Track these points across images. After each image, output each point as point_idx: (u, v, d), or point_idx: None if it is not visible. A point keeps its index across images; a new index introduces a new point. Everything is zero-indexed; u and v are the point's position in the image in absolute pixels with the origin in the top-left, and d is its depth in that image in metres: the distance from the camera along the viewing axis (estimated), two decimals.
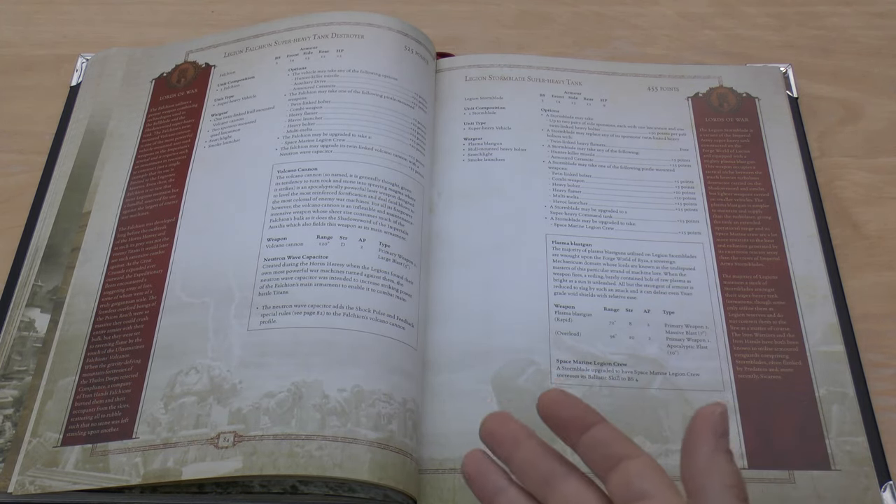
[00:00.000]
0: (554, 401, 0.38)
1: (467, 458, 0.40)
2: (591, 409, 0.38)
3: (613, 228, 0.58)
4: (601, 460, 0.37)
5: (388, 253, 0.53)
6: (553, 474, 0.38)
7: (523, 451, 0.39)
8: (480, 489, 0.39)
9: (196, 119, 0.61)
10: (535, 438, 0.39)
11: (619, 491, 0.36)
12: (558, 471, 0.38)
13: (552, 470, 0.38)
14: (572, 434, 0.38)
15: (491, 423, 0.40)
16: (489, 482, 0.39)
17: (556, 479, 0.38)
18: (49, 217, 0.58)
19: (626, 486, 0.35)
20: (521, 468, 0.39)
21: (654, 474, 0.36)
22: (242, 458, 0.46)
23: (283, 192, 0.55)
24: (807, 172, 0.60)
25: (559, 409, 0.38)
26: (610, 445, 0.37)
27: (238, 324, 0.51)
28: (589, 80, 0.65)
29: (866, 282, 0.57)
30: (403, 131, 0.58)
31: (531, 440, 0.39)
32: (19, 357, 0.52)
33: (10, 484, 0.47)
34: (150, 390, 0.49)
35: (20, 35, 0.70)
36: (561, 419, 0.38)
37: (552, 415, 0.38)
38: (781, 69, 0.66)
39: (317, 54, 0.62)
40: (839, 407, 0.50)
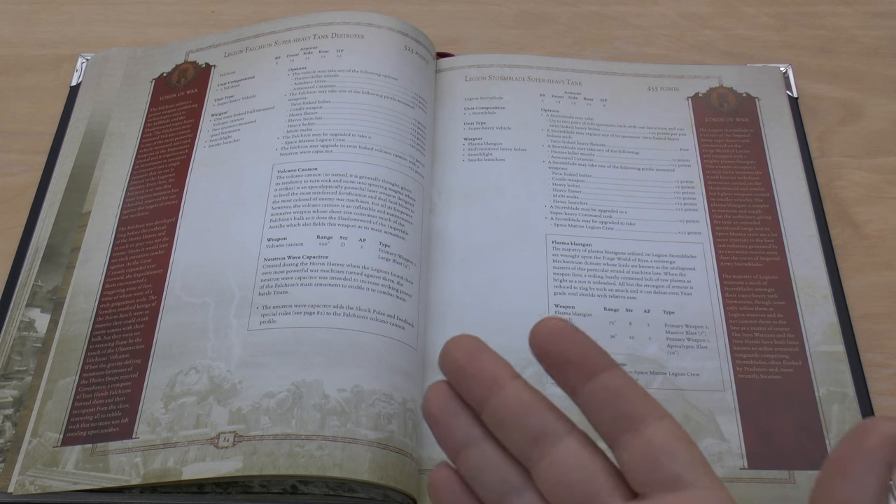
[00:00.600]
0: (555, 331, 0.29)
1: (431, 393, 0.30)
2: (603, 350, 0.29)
3: (613, 228, 0.58)
4: (611, 418, 0.28)
5: (388, 253, 0.53)
6: (545, 432, 0.29)
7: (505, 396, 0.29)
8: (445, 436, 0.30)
9: (196, 119, 0.61)
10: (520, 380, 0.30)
11: (639, 466, 0.27)
12: (552, 428, 0.29)
13: (544, 426, 0.29)
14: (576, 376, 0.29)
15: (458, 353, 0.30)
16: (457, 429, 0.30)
17: (549, 440, 0.29)
18: (49, 217, 0.58)
19: (651, 463, 0.27)
20: (501, 419, 0.29)
21: (687, 450, 0.27)
22: (242, 457, 0.46)
23: (283, 192, 0.55)
24: (807, 172, 0.60)
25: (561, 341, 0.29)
26: (626, 400, 0.28)
27: (238, 324, 0.51)
28: (589, 80, 0.65)
29: (866, 282, 0.57)
30: (403, 131, 0.58)
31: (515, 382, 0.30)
32: (19, 357, 0.52)
33: (10, 484, 0.47)
34: (150, 390, 0.49)
35: (20, 35, 0.70)
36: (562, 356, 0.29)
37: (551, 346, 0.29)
38: (781, 69, 0.66)
39: (317, 54, 0.62)
40: (839, 407, 0.50)
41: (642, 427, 0.28)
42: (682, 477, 0.27)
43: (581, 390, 0.29)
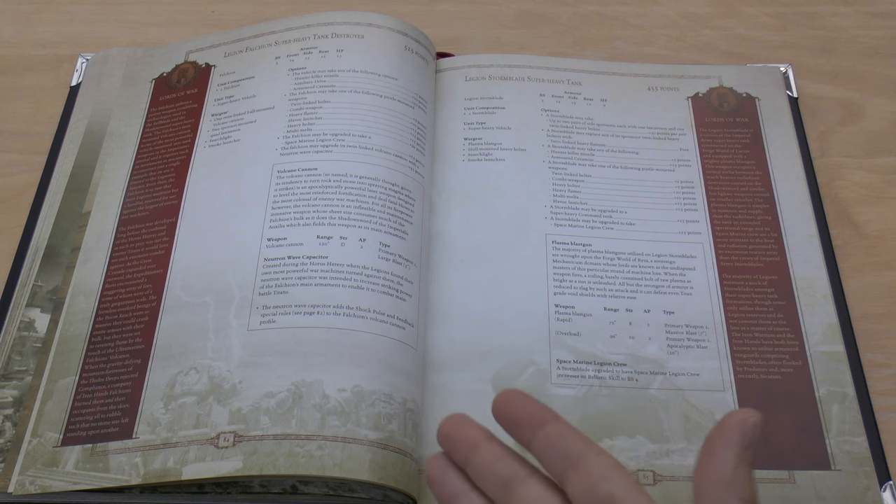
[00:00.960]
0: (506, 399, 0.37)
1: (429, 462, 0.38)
2: (546, 407, 0.36)
3: (613, 228, 0.58)
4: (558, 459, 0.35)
5: (388, 253, 0.53)
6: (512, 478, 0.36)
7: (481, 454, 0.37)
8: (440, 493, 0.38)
9: (196, 119, 0.61)
10: (495, 440, 0.37)
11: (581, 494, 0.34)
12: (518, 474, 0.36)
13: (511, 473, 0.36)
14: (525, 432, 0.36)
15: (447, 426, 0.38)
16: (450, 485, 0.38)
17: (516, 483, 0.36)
18: (49, 217, 0.58)
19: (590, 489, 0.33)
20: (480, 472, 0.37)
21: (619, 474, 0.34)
22: (242, 457, 0.46)
23: (283, 192, 0.55)
24: (807, 172, 0.60)
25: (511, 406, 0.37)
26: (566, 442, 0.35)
27: (238, 324, 0.51)
28: (589, 80, 0.65)
29: (866, 282, 0.57)
30: (403, 131, 0.58)
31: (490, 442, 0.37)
32: (19, 357, 0.52)
33: (10, 484, 0.47)
34: (150, 390, 0.49)
35: (20, 35, 0.70)
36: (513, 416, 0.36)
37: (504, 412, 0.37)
38: (781, 69, 0.66)
39: (317, 54, 0.62)
40: (839, 407, 0.50)
41: (583, 462, 0.34)
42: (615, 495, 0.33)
43: (532, 442, 0.36)
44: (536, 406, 0.36)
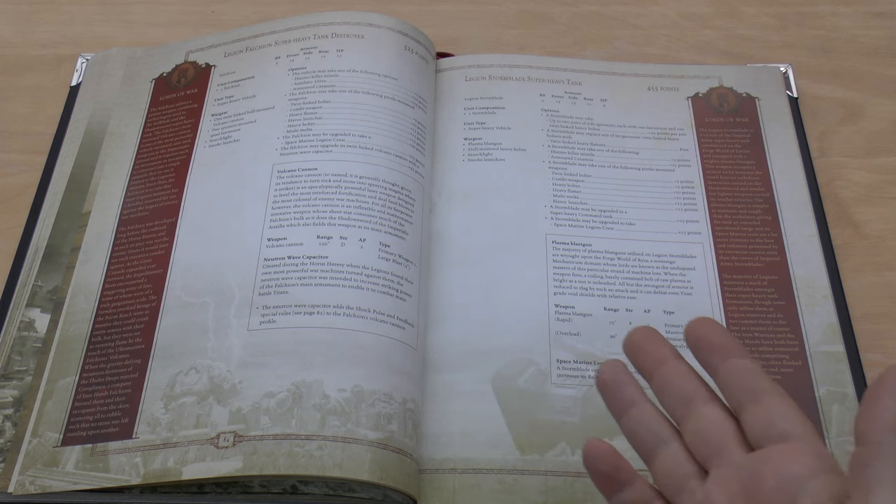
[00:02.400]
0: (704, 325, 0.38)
1: (605, 366, 0.40)
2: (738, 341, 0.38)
3: (613, 228, 0.58)
4: (740, 391, 0.36)
5: (388, 253, 0.53)
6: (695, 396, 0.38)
7: (668, 368, 0.39)
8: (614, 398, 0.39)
9: (196, 119, 0.61)
10: (682, 359, 0.39)
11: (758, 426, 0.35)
12: (700, 394, 0.38)
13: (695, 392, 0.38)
14: (715, 359, 0.37)
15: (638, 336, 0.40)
16: (625, 392, 0.39)
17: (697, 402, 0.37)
18: (49, 217, 0.58)
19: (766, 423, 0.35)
20: (663, 385, 0.39)
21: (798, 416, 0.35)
22: (242, 457, 0.46)
23: (283, 192, 0.55)
24: (807, 172, 0.60)
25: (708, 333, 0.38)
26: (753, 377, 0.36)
27: (238, 324, 0.51)
28: (589, 80, 0.65)
29: (866, 282, 0.57)
30: (403, 131, 0.58)
31: (678, 360, 0.39)
32: (19, 357, 0.52)
33: (10, 484, 0.47)
34: (150, 390, 0.49)
35: (20, 35, 0.70)
36: (710, 343, 0.38)
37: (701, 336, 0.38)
38: (781, 69, 0.66)
39: (317, 54, 0.62)
40: (839, 407, 0.50)
41: (764, 398, 0.36)
42: (789, 432, 0.35)
43: (720, 369, 0.37)
44: (730, 338, 0.38)
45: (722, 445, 0.36)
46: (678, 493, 0.37)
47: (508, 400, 0.51)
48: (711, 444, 0.36)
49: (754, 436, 0.36)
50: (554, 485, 0.48)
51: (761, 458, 0.35)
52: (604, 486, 0.39)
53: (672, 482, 0.37)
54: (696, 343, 0.38)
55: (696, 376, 0.38)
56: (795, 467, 0.34)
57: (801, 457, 0.34)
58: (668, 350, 0.39)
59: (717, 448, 0.36)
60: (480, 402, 0.51)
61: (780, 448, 0.35)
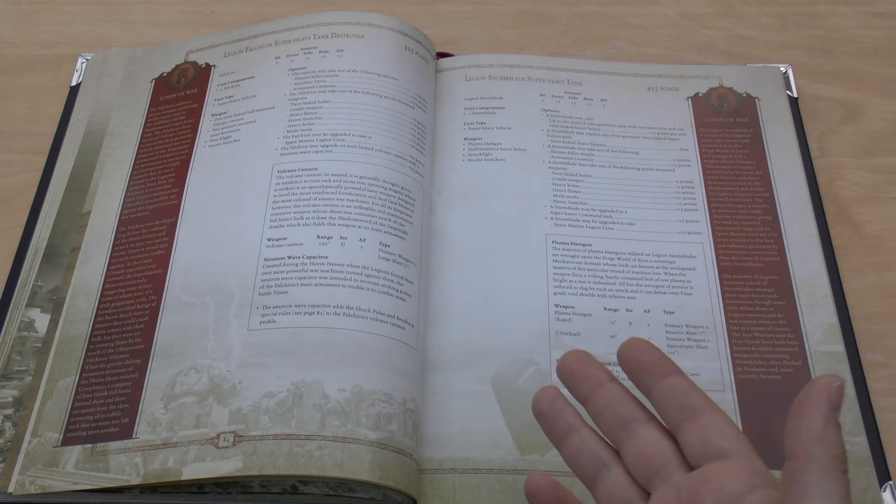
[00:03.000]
0: (636, 346, 0.38)
1: (541, 394, 0.40)
2: (670, 360, 0.38)
3: (613, 228, 0.58)
4: (676, 410, 0.37)
5: (388, 253, 0.53)
6: (632, 419, 0.38)
7: (604, 392, 0.39)
8: (552, 427, 0.39)
9: (196, 119, 0.61)
10: (617, 382, 0.39)
11: (695, 444, 0.36)
12: (637, 416, 0.38)
13: (632, 414, 0.38)
14: (650, 380, 0.38)
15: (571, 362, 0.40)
16: (562, 420, 0.39)
17: (635, 424, 0.38)
18: (49, 217, 0.58)
19: (703, 441, 0.35)
20: (599, 409, 0.39)
21: (733, 432, 0.36)
22: (242, 457, 0.46)
23: (283, 192, 0.55)
24: (807, 172, 0.60)
25: (641, 353, 0.38)
26: (687, 396, 0.37)
27: (238, 324, 0.51)
28: (589, 80, 0.65)
29: (866, 282, 0.57)
30: (403, 131, 0.58)
31: (613, 383, 0.39)
32: (19, 357, 0.52)
33: (10, 484, 0.47)
34: (150, 390, 0.49)
35: (20, 35, 0.70)
36: (641, 363, 0.38)
37: (634, 358, 0.38)
38: (781, 69, 0.66)
39: (317, 54, 0.62)
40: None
41: (699, 416, 0.36)
42: (726, 449, 0.35)
43: (654, 389, 0.38)
44: (662, 357, 0.38)
45: (661, 467, 0.37)
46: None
47: (508, 400, 0.51)
48: (651, 465, 0.37)
49: (692, 454, 0.36)
50: None
51: (699, 477, 0.35)
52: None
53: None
54: (629, 365, 0.38)
55: (632, 398, 0.39)
56: (732, 485, 0.34)
57: (738, 473, 0.34)
58: (602, 373, 0.39)
59: (657, 469, 0.37)
60: (480, 402, 0.51)
61: (717, 466, 0.35)
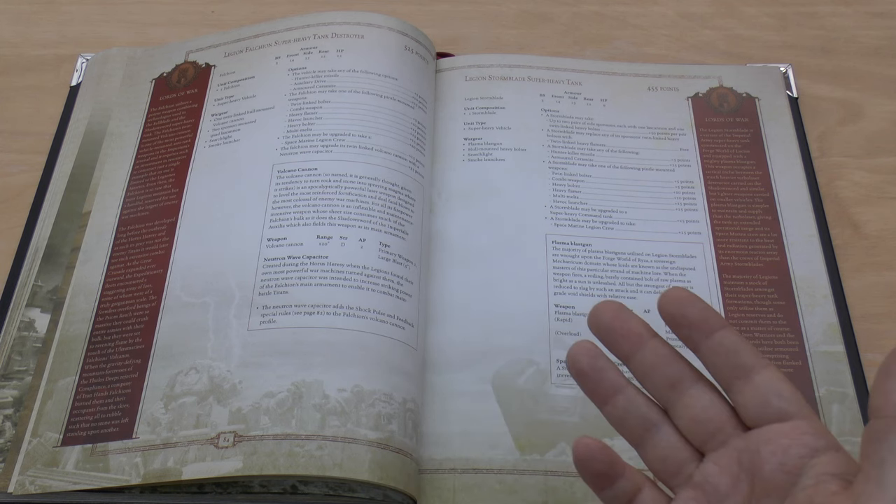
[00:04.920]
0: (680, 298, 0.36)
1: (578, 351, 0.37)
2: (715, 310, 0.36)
3: (613, 228, 0.58)
4: (729, 368, 0.35)
5: (388, 253, 0.53)
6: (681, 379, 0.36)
7: (648, 350, 0.36)
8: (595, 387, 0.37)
9: (196, 119, 0.61)
10: (659, 338, 0.37)
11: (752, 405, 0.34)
12: (687, 376, 0.36)
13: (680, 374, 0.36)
14: (697, 336, 0.35)
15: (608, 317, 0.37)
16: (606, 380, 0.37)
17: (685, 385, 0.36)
18: (49, 217, 0.58)
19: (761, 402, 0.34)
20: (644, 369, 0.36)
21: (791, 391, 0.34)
22: (242, 457, 0.46)
23: (283, 192, 0.55)
24: (807, 172, 0.60)
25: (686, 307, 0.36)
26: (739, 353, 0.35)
27: (238, 324, 0.51)
28: (589, 80, 0.65)
29: (866, 282, 0.57)
30: (403, 131, 0.59)
31: (655, 340, 0.37)
32: (19, 357, 0.52)
33: (10, 484, 0.47)
34: (150, 390, 0.49)
35: (20, 35, 0.70)
36: (687, 318, 0.35)
37: (679, 313, 0.36)
38: (781, 69, 0.66)
39: (317, 54, 0.62)
40: (839, 407, 0.50)
41: (753, 374, 0.34)
42: (786, 410, 0.34)
43: (702, 346, 0.36)
44: (709, 309, 0.36)
45: (717, 428, 0.35)
46: (674, 477, 0.36)
47: (508, 400, 0.51)
48: (706, 427, 0.35)
49: (749, 416, 0.35)
50: (554, 485, 0.48)
51: (760, 438, 0.34)
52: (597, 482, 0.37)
53: (668, 467, 0.36)
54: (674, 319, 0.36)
55: (679, 356, 0.37)
56: (796, 448, 0.33)
57: (801, 436, 0.33)
58: (642, 328, 0.37)
59: (713, 431, 0.35)
60: (480, 402, 0.51)
61: (778, 428, 0.34)
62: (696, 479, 0.35)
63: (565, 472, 0.48)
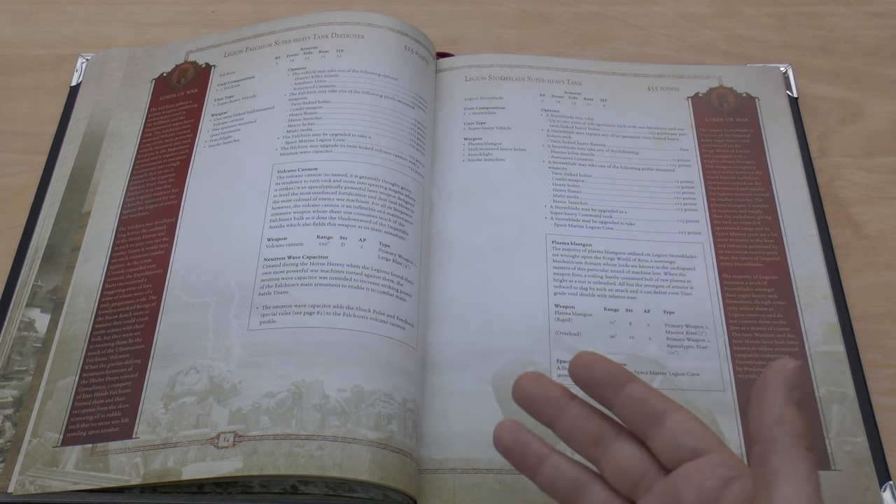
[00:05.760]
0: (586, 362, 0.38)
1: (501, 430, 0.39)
2: (622, 367, 0.38)
3: (613, 228, 0.58)
4: (641, 417, 0.37)
5: (388, 253, 0.53)
6: (602, 434, 0.38)
7: (569, 413, 0.38)
8: (522, 460, 0.39)
9: (196, 119, 0.61)
10: (578, 399, 0.39)
11: (666, 448, 0.36)
12: (608, 430, 0.38)
13: (601, 430, 0.38)
14: (609, 393, 0.37)
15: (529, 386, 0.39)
16: (531, 452, 0.39)
17: (607, 439, 0.38)
18: (49, 217, 0.58)
19: (674, 444, 0.36)
20: (568, 432, 0.38)
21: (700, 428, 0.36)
22: (242, 458, 0.46)
23: (283, 192, 0.55)
24: (807, 172, 0.60)
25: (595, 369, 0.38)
26: (648, 402, 0.37)
27: (238, 324, 0.51)
28: (589, 80, 0.65)
29: (866, 282, 0.57)
30: (403, 131, 0.58)
31: (574, 401, 0.38)
32: (19, 357, 0.52)
33: (10, 484, 0.47)
34: (150, 390, 0.49)
35: (20, 35, 0.70)
36: (597, 379, 0.37)
37: (589, 375, 0.38)
38: (781, 69, 0.66)
39: (317, 54, 0.62)
40: (839, 407, 0.50)
41: (664, 419, 0.36)
42: (697, 448, 0.35)
43: (615, 402, 0.37)
44: (615, 367, 0.38)
45: (641, 477, 0.37)
46: None
47: (508, 400, 0.51)
48: (632, 477, 0.37)
49: (666, 459, 0.36)
50: None
51: (678, 477, 0.35)
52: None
53: None
54: (584, 382, 0.38)
55: (598, 413, 0.38)
56: (710, 481, 0.34)
57: (713, 469, 0.35)
58: (561, 393, 0.39)
59: (638, 480, 0.37)
60: (480, 402, 0.51)
61: (693, 465, 0.35)
62: None
63: None
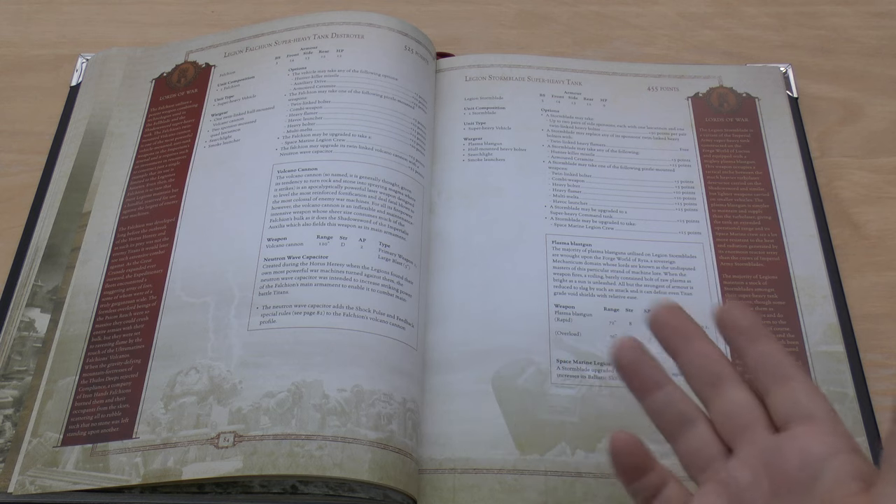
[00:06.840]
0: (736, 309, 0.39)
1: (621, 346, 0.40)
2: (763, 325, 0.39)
3: (613, 228, 0.58)
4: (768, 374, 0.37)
5: (388, 253, 0.53)
6: (722, 377, 0.38)
7: (696, 346, 0.39)
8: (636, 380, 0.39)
9: (196, 119, 0.61)
10: (707, 337, 0.39)
11: (783, 406, 0.36)
12: (728, 375, 0.38)
13: (722, 373, 0.38)
14: (744, 342, 0.38)
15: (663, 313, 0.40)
16: (647, 375, 0.39)
17: (725, 383, 0.38)
18: (49, 217, 0.58)
19: (791, 403, 0.36)
20: (689, 365, 0.39)
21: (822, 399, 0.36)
22: (242, 458, 0.46)
23: (283, 192, 0.55)
24: (807, 172, 0.60)
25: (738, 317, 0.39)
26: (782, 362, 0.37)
27: (238, 324, 0.51)
28: (589, 80, 0.65)
29: (866, 282, 0.57)
30: (403, 131, 0.59)
31: (704, 339, 0.39)
32: (19, 357, 0.52)
33: (10, 484, 0.47)
34: (150, 390, 0.49)
35: (20, 35, 0.70)
36: (739, 327, 0.38)
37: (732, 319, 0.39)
38: (781, 69, 0.66)
39: (317, 54, 0.62)
40: (839, 407, 0.50)
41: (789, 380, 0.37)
42: (814, 414, 0.36)
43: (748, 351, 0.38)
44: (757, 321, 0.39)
45: (748, 426, 0.37)
46: (702, 471, 0.38)
47: (508, 400, 0.51)
48: (738, 423, 0.37)
49: (779, 416, 0.36)
50: (554, 485, 0.48)
51: (785, 437, 0.36)
52: (628, 475, 0.39)
53: (697, 461, 0.38)
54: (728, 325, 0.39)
55: (723, 358, 0.39)
56: (818, 446, 0.34)
57: (824, 436, 0.35)
58: (694, 326, 0.40)
59: (743, 428, 0.37)
60: (480, 402, 0.51)
61: (804, 428, 0.35)
62: (723, 475, 0.37)
63: (565, 472, 0.48)
